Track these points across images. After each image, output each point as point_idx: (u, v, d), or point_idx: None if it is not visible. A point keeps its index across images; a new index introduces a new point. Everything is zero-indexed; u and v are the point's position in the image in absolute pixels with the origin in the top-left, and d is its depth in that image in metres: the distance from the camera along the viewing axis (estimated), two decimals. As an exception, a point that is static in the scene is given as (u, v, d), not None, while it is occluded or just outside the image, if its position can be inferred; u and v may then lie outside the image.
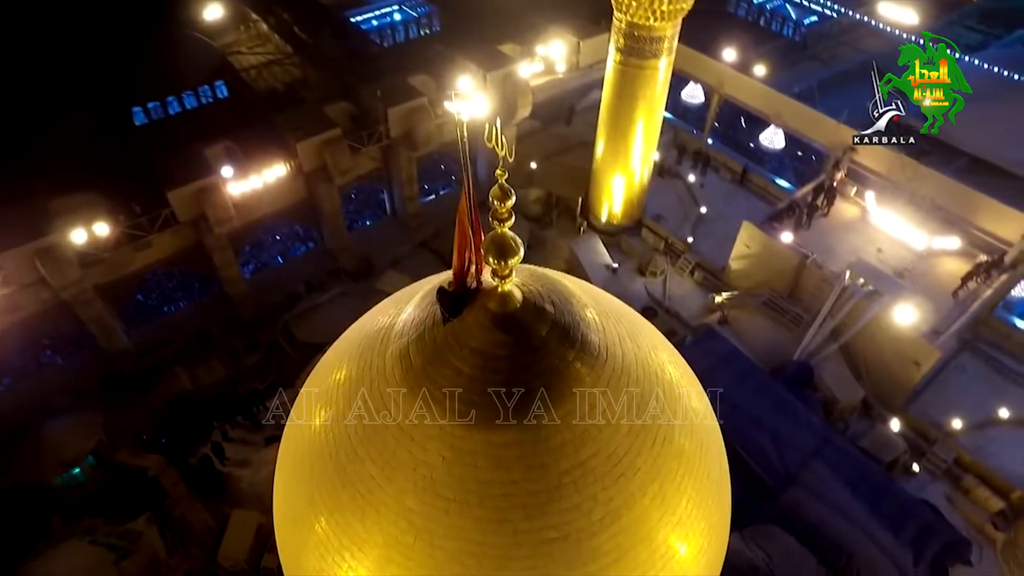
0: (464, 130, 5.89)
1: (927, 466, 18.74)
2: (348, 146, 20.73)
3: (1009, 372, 20.93)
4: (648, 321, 9.87)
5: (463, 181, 6.24)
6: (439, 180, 28.77)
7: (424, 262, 25.97)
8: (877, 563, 13.06)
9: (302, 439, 8.17)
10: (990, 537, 17.99)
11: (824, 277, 20.40)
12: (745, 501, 8.10)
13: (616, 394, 7.51)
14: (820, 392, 19.17)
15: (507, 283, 6.88)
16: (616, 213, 26.82)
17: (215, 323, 21.65)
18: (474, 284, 6.73)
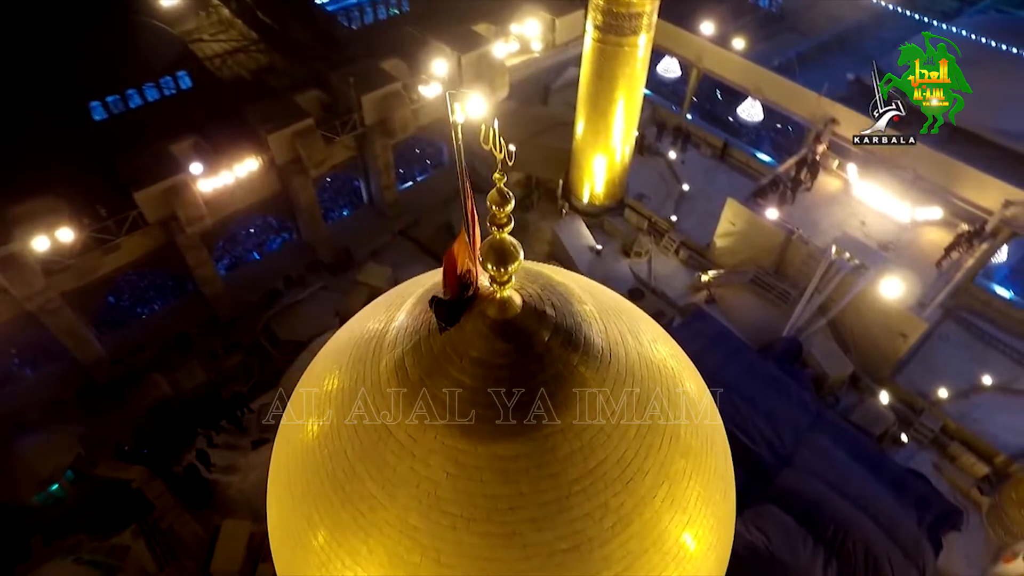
0: (459, 133, 5.54)
1: (914, 435, 19.08)
2: (321, 136, 20.06)
3: (990, 339, 21.32)
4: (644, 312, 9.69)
5: (460, 184, 5.89)
6: (415, 165, 28.18)
7: (404, 251, 25.57)
8: (874, 538, 13.22)
9: (294, 453, 7.84)
10: (976, 502, 18.45)
11: (810, 252, 20.44)
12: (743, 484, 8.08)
13: (622, 396, 7.32)
14: (810, 368, 19.32)
15: (506, 289, 6.59)
16: (598, 194, 26.56)
17: (192, 325, 21.02)
18: (470, 291, 6.41)
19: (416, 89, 21.70)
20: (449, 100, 5.30)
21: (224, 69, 26.15)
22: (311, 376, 8.70)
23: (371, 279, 22.58)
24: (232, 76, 25.03)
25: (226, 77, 25.31)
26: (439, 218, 26.62)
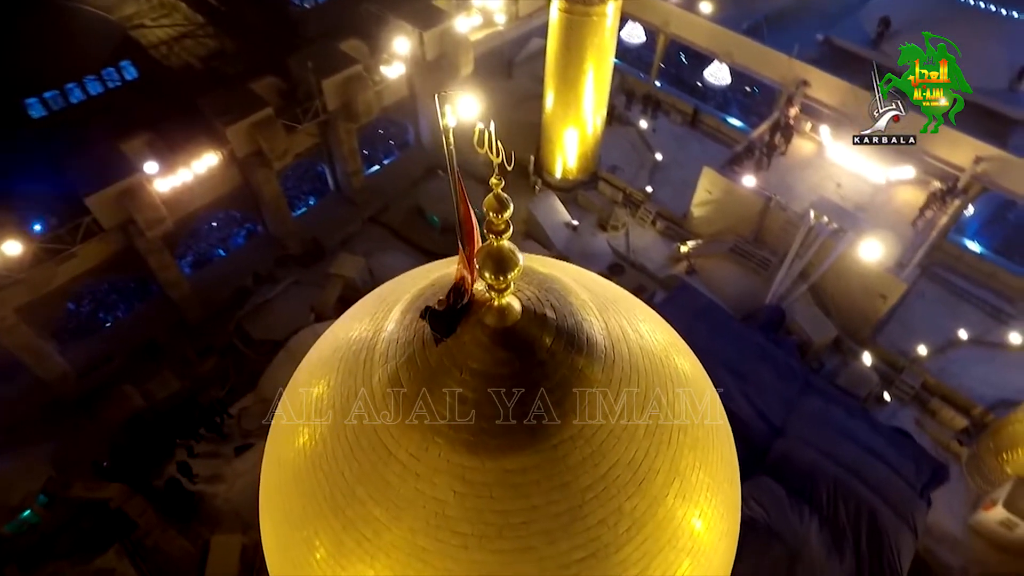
0: (451, 137, 5.14)
1: (896, 394, 19.53)
2: (282, 126, 19.15)
3: (964, 293, 21.84)
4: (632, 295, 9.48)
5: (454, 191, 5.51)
6: (380, 147, 27.34)
7: (376, 238, 24.96)
8: (867, 501, 13.49)
9: (287, 476, 7.47)
10: (955, 453, 19.06)
11: (788, 218, 20.50)
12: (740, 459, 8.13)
13: (629, 396, 7.11)
14: (794, 335, 19.51)
15: (505, 296, 6.26)
16: (571, 168, 26.22)
17: (160, 330, 20.21)
18: (465, 299, 6.06)
19: (378, 70, 20.84)
20: (439, 103, 4.92)
21: (171, 57, 24.75)
22: (295, 390, 8.32)
23: (344, 270, 21.97)
24: (181, 64, 23.70)
25: (174, 65, 23.95)
26: (409, 201, 26.02)
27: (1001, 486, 17.50)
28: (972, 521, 17.62)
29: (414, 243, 24.77)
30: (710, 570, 7.49)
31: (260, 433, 17.69)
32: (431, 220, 24.98)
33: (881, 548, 12.79)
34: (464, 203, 5.57)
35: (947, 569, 16.99)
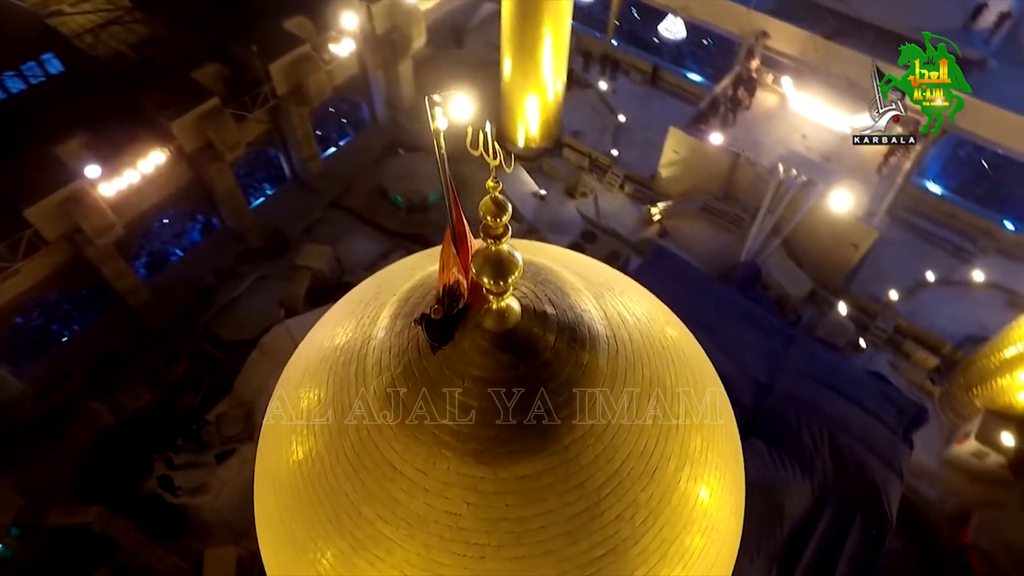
0: (441, 139, 4.76)
1: (871, 339, 20.07)
2: (231, 115, 18.10)
3: (928, 235, 22.44)
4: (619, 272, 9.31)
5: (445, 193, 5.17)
6: (333, 128, 26.31)
7: (340, 224, 24.24)
8: (854, 451, 13.87)
9: (283, 496, 7.16)
10: (929, 392, 19.80)
11: (758, 173, 20.54)
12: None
13: (635, 385, 6.97)
14: (771, 290, 19.74)
15: (504, 299, 5.98)
16: (533, 136, 25.76)
17: (122, 340, 19.31)
18: (460, 304, 5.78)
19: (327, 48, 19.83)
20: (429, 106, 4.53)
21: (99, 46, 23.03)
22: (281, 403, 7.94)
23: (311, 261, 21.30)
24: (111, 54, 22.07)
25: (103, 56, 22.29)
26: (370, 182, 25.27)
27: (972, 420, 18.28)
28: (947, 455, 18.41)
29: (380, 225, 24.13)
30: (724, 548, 7.52)
31: (241, 438, 17.21)
32: (395, 200, 24.30)
33: (872, 499, 13.22)
34: (456, 206, 5.22)
35: (925, 501, 17.77)
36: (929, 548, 16.53)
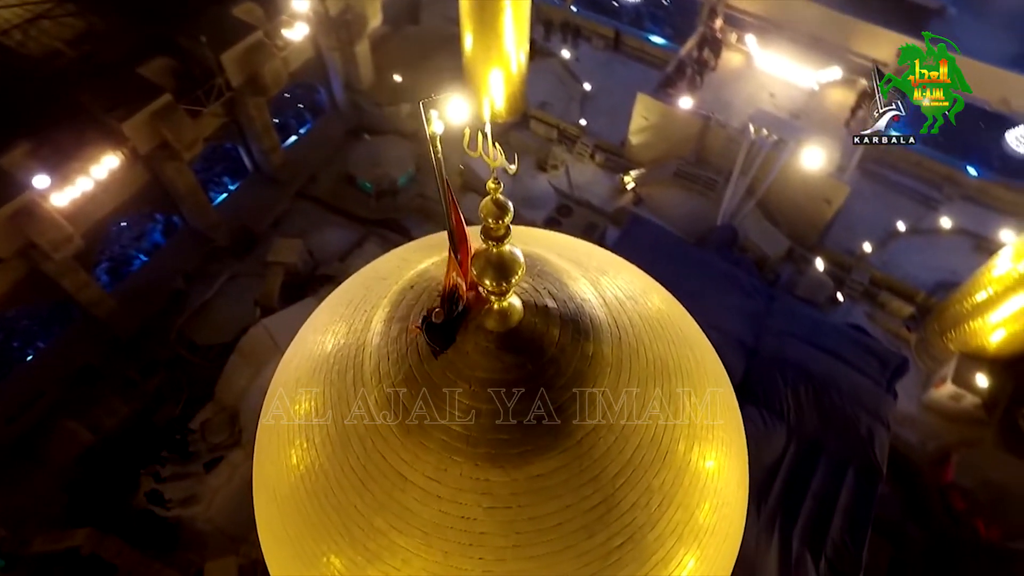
0: (438, 144, 4.53)
1: (848, 292, 20.46)
2: (185, 111, 17.24)
3: (896, 185, 22.82)
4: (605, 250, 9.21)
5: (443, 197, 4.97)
6: (292, 116, 25.45)
7: (308, 215, 23.60)
8: (842, 407, 14.17)
9: (287, 512, 6.99)
10: (905, 339, 20.35)
11: (729, 135, 20.52)
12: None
13: (641, 371, 6.91)
14: (749, 252, 19.89)
15: (506, 299, 5.83)
16: (500, 110, 25.30)
17: (92, 354, 18.61)
18: (460, 306, 5.63)
19: (279, 34, 18.97)
20: (424, 109, 4.29)
21: (30, 44, 21.61)
22: (275, 415, 7.70)
23: (283, 256, 20.74)
24: (45, 52, 20.74)
25: (36, 54, 20.96)
26: (336, 169, 24.64)
27: (948, 364, 18.88)
28: (925, 399, 19.03)
29: (349, 213, 23.59)
30: (735, 520, 7.60)
31: (228, 444, 16.86)
32: (363, 187, 23.73)
33: (862, 452, 13.59)
34: (454, 209, 5.03)
35: (908, 446, 18.39)
36: (914, 490, 17.16)
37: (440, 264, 7.19)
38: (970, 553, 16.45)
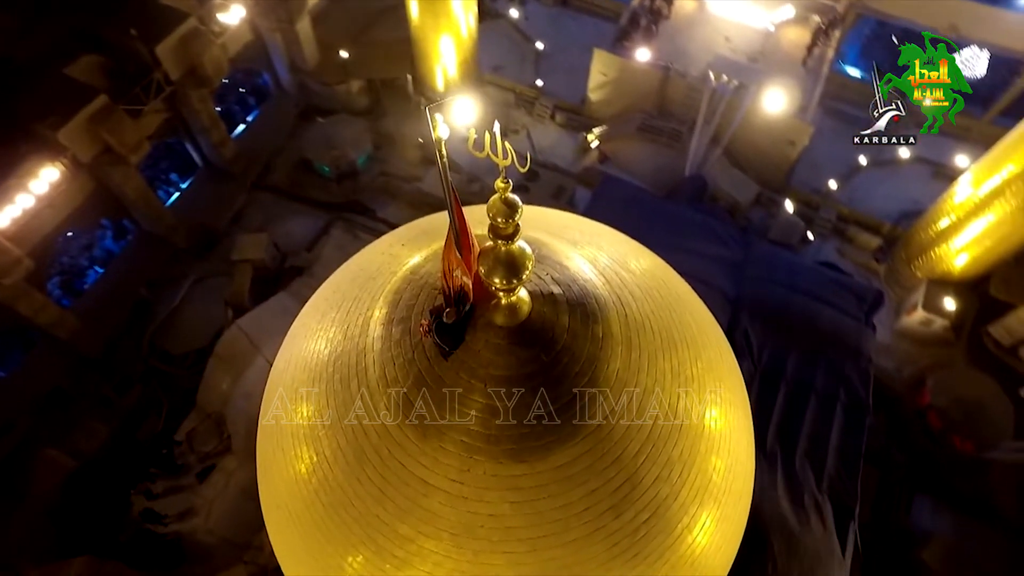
0: (443, 149, 4.28)
1: (817, 230, 20.80)
2: (125, 112, 16.16)
3: (854, 120, 22.97)
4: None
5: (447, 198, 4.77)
6: (234, 102, 24.21)
7: (268, 206, 22.84)
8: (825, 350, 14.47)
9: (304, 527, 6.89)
10: (875, 271, 20.91)
11: (690, 84, 20.35)
12: None
13: (650, 344, 6.88)
14: (720, 200, 19.96)
15: (515, 293, 5.68)
16: (453, 78, 24.55)
17: (61, 376, 17.82)
18: (467, 306, 5.48)
19: (214, 19, 17.82)
20: (429, 114, 4.03)
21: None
22: (276, 427, 7.49)
23: (248, 253, 20.06)
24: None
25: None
26: (291, 156, 23.77)
27: (916, 291, 19.51)
28: (898, 327, 19.69)
29: (311, 200, 22.87)
30: (747, 475, 7.77)
31: (218, 452, 16.49)
32: (322, 170, 22.97)
33: (849, 390, 14.00)
34: (458, 210, 4.82)
35: (885, 373, 19.08)
36: (894, 415, 17.87)
37: (432, 258, 6.95)
38: (949, 468, 17.33)
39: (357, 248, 24.23)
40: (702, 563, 6.56)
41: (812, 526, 12.32)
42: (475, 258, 5.32)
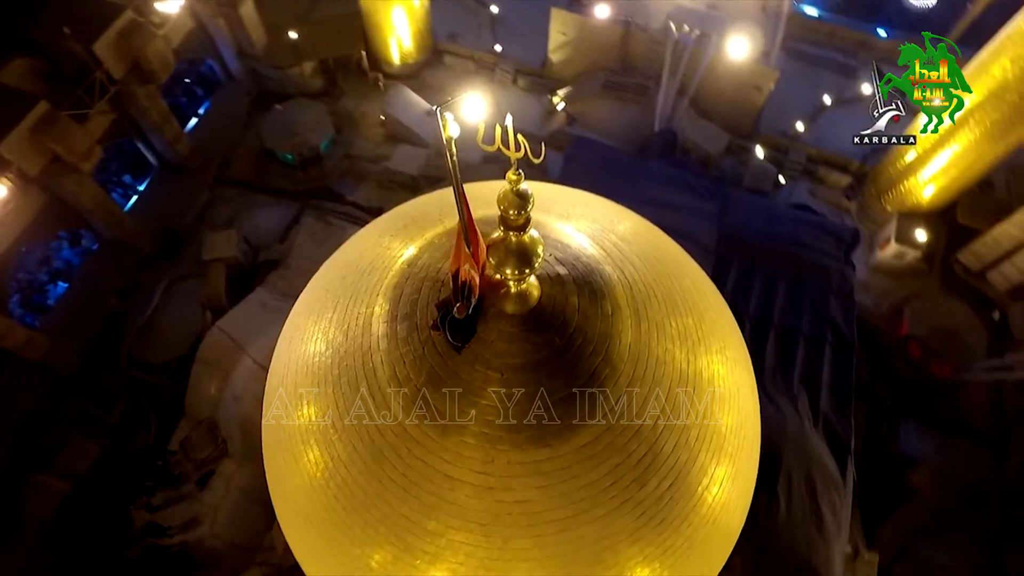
0: (453, 147, 4.09)
1: (788, 173, 20.95)
2: (70, 118, 15.24)
3: (815, 59, 23.11)
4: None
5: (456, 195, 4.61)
6: (180, 94, 23.11)
7: (233, 200, 22.14)
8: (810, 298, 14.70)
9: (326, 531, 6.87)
10: (846, 208, 21.23)
11: (652, 38, 20.04)
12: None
13: (657, 313, 6.86)
14: (691, 153, 19.90)
15: (524, 281, 5.59)
16: (408, 50, 23.90)
17: (39, 399, 17.24)
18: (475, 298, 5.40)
19: (152, 9, 16.79)
20: (440, 114, 3.83)
21: None
22: (284, 434, 7.37)
23: (219, 251, 19.48)
24: None
25: None
26: (250, 146, 22.95)
27: (888, 225, 19.90)
28: (873, 262, 20.13)
29: (276, 190, 22.20)
30: (755, 427, 7.91)
31: (215, 456, 16.25)
32: (284, 159, 22.23)
33: (835, 330, 14.29)
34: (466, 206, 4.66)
35: (864, 309, 19.53)
36: (876, 349, 18.38)
37: (427, 248, 6.76)
38: (929, 393, 18.00)
39: (330, 235, 23.92)
40: (722, 520, 6.70)
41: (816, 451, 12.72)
42: (483, 251, 5.17)
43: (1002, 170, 19.58)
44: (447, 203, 8.03)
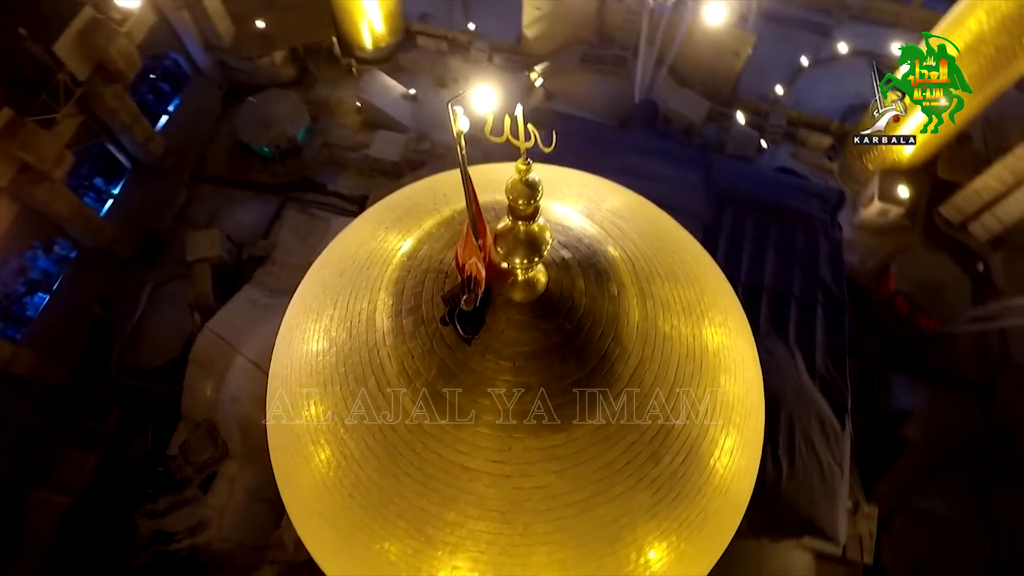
0: (463, 141, 3.99)
1: (769, 137, 20.94)
2: (36, 124, 14.71)
3: (789, 20, 22.98)
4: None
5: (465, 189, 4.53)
6: (146, 91, 22.38)
7: (212, 198, 21.71)
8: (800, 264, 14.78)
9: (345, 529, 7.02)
10: (829, 169, 21.32)
11: (628, 8, 19.80)
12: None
13: (660, 290, 6.89)
14: (673, 122, 19.80)
15: (533, 269, 5.55)
16: (380, 33, 23.40)
17: (28, 414, 16.91)
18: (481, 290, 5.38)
19: (112, 5, 16.16)
20: (451, 108, 3.73)
21: None
22: (293, 434, 7.34)
23: (202, 251, 19.12)
24: None
25: None
26: (225, 140, 22.45)
27: (870, 183, 20.04)
28: (857, 221, 20.29)
29: (256, 184, 21.77)
30: (757, 394, 8.01)
31: (217, 458, 16.13)
32: (262, 152, 21.76)
33: (826, 292, 14.42)
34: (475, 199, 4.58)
35: (850, 267, 19.74)
36: (864, 306, 18.64)
37: (426, 240, 6.67)
38: (918, 347, 18.33)
39: (315, 227, 23.54)
40: (733, 489, 6.80)
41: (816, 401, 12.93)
42: (490, 242, 5.11)
43: (979, 123, 19.76)
44: (439, 191, 7.89)
